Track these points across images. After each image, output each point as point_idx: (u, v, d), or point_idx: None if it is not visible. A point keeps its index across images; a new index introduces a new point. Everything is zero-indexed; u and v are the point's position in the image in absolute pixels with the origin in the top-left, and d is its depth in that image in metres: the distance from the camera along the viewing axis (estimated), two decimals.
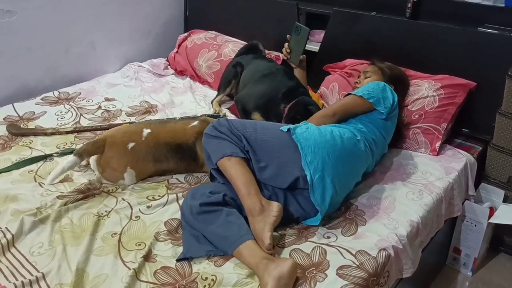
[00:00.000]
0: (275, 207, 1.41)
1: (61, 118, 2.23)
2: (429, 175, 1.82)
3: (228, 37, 2.79)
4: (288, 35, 1.91)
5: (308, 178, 1.44)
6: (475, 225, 1.99)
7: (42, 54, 2.49)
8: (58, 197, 1.61)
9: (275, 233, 1.43)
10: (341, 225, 1.53)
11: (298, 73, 2.03)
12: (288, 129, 1.55)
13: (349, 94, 1.85)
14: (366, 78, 1.98)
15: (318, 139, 1.51)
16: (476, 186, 2.03)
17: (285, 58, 1.97)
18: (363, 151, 1.64)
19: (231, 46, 2.65)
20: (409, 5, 2.27)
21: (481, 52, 2.02)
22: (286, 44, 1.94)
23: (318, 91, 2.33)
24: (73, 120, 2.21)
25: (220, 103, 2.37)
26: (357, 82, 2.02)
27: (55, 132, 2.09)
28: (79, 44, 2.64)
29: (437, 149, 1.96)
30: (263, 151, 1.51)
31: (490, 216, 1.95)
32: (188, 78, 2.73)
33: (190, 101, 2.46)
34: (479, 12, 2.16)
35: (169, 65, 2.88)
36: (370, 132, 1.73)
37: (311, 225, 1.51)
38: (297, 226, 1.52)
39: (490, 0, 2.16)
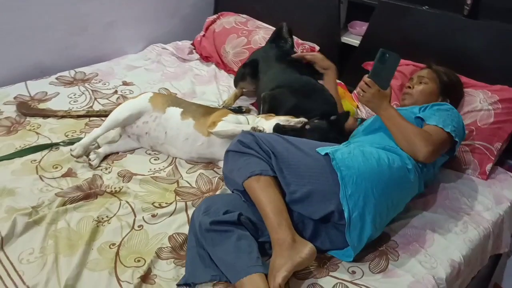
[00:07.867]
0: (307, 249, 1.21)
1: (74, 102, 2.08)
2: (476, 203, 1.59)
3: (259, 22, 2.56)
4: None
5: (346, 215, 1.24)
6: None
7: (59, 32, 2.33)
8: (57, 194, 1.48)
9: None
10: (370, 258, 1.33)
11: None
12: (326, 153, 1.33)
13: (421, 120, 1.52)
14: (420, 83, 1.73)
15: (362, 167, 1.29)
16: None
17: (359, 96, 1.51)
18: (413, 182, 1.40)
19: (262, 33, 2.42)
20: (469, 1, 1.98)
21: None
22: (366, 77, 1.47)
23: (355, 91, 2.10)
24: (86, 105, 2.07)
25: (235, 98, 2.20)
26: (409, 87, 1.75)
27: (66, 115, 1.96)
28: (98, 22, 2.47)
29: (487, 172, 1.71)
30: (295, 175, 1.30)
31: None
32: (213, 65, 2.53)
33: (212, 92, 2.26)
34: None
35: (194, 49, 2.68)
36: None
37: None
38: (319, 255, 1.32)
39: None
